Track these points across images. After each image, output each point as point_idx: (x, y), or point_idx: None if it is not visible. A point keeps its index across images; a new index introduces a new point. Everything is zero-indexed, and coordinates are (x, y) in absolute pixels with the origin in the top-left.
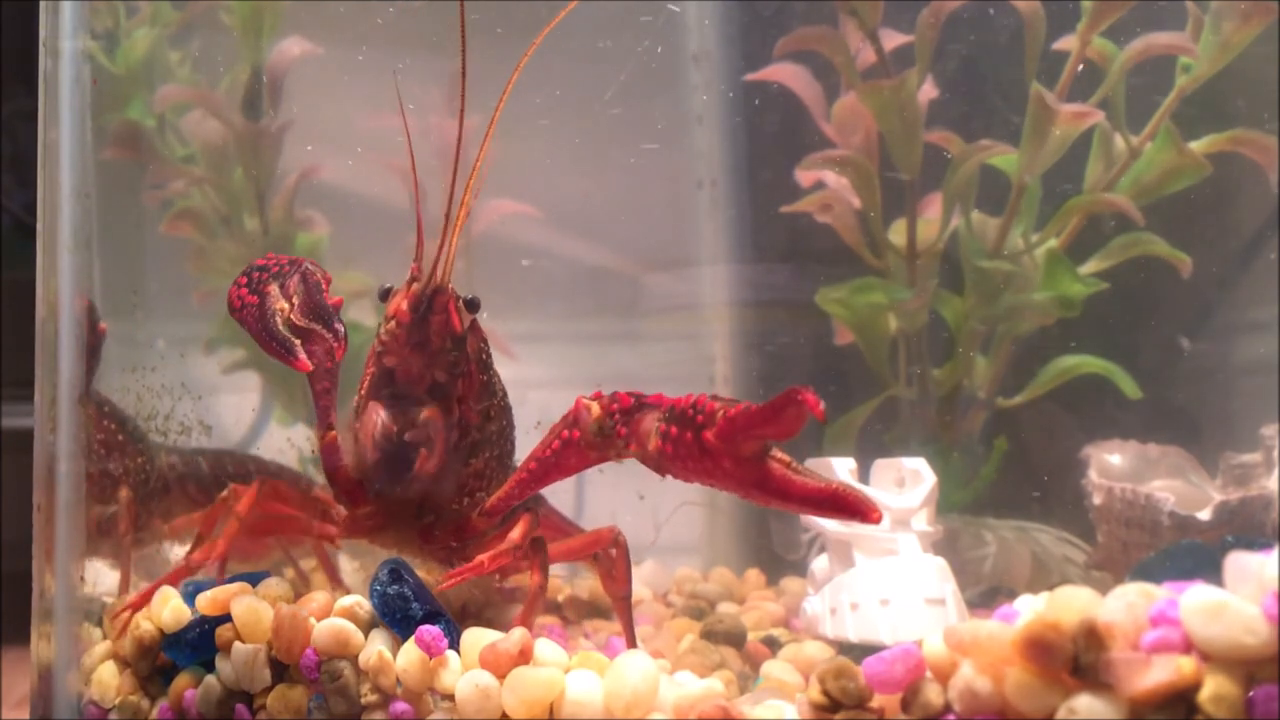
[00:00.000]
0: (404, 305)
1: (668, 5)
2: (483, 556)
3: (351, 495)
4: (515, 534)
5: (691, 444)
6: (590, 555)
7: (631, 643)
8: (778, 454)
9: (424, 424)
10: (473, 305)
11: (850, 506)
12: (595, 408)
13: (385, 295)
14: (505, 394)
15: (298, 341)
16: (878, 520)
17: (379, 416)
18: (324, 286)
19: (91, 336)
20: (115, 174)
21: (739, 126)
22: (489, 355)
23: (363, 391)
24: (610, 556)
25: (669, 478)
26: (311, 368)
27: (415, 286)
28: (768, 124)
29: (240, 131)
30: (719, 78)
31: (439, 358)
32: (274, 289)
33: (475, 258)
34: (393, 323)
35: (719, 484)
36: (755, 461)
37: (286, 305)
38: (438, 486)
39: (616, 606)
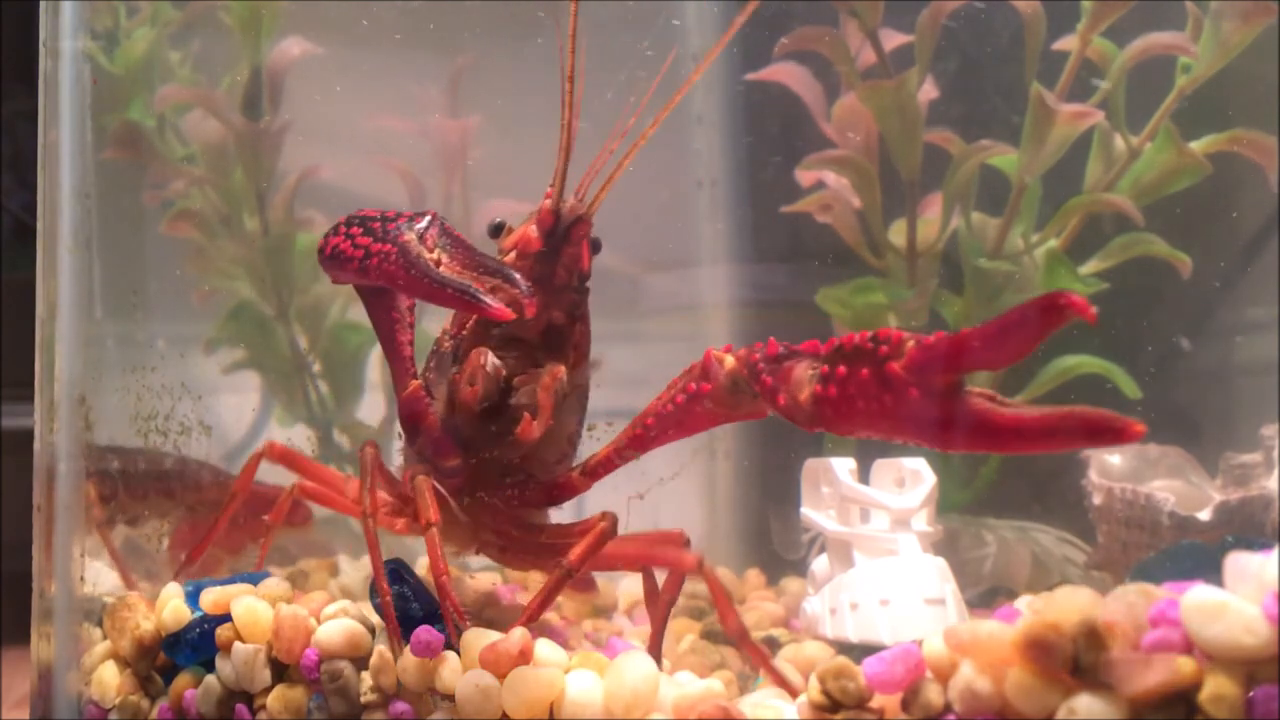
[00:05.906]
0: (534, 232)
1: (671, 20)
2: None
3: (439, 449)
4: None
5: (868, 380)
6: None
7: (658, 650)
8: (975, 389)
9: (541, 371)
10: (597, 246)
11: (1100, 423)
12: (729, 360)
13: (498, 231)
14: None
15: (479, 286)
16: (1139, 434)
17: (488, 361)
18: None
19: None
20: (115, 174)
21: (739, 126)
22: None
23: (457, 334)
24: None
25: (669, 478)
26: (513, 316)
27: (552, 212)
28: (768, 124)
29: (240, 131)
30: (719, 78)
31: (562, 296)
32: (410, 238)
33: None
34: (513, 254)
35: (896, 426)
36: (949, 396)
37: (434, 257)
38: (543, 444)
39: (659, 612)
